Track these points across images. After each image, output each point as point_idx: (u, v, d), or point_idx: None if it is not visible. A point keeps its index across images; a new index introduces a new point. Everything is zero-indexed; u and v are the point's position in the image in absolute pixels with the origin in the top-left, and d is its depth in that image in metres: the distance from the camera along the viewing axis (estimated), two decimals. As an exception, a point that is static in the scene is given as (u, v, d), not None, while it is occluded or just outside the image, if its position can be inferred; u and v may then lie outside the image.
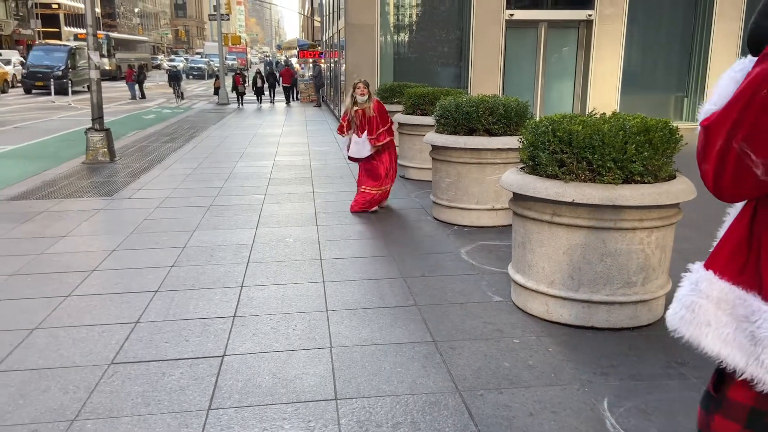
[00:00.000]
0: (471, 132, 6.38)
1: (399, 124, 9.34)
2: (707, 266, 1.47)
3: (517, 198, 4.16)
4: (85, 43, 33.15)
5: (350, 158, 7.29)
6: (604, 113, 4.15)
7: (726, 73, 1.41)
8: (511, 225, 4.53)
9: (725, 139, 1.32)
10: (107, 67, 43.90)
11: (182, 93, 28.18)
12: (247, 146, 13.05)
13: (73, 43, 35.63)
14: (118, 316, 4.20)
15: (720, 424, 1.46)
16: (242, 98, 25.65)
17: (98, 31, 47.14)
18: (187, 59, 65.51)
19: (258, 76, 26.69)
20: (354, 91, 7.10)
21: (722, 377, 1.46)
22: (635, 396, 3.17)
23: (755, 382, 1.37)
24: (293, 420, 2.97)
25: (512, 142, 6.12)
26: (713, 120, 1.36)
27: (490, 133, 6.35)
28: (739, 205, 1.47)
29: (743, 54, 1.44)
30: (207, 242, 5.94)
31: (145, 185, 8.82)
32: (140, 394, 3.22)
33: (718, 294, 1.43)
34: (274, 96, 27.80)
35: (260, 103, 26.12)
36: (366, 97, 7.04)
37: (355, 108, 7.05)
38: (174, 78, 27.93)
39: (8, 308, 4.37)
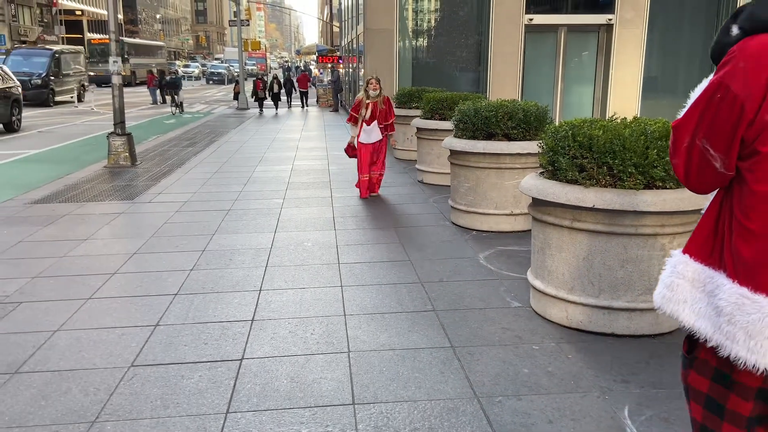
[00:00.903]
0: (490, 137, 6.36)
1: (417, 128, 9.34)
2: (684, 251, 1.68)
3: (537, 203, 4.13)
4: (72, 47, 32.40)
5: (351, 146, 8.35)
6: (625, 118, 4.11)
7: (699, 85, 1.63)
8: (530, 230, 4.50)
9: (690, 136, 1.57)
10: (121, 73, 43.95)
11: (181, 103, 24.02)
12: (266, 151, 13.13)
13: (57, 46, 31.56)
14: (138, 319, 4.24)
15: (693, 378, 1.69)
16: (263, 104, 25.09)
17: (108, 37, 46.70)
18: (204, 65, 64.21)
19: (275, 81, 25.99)
20: (367, 86, 8.06)
21: (693, 342, 1.68)
22: (657, 404, 3.12)
23: (718, 347, 1.56)
24: (311, 424, 2.97)
25: (531, 146, 6.08)
26: (680, 121, 1.61)
27: (509, 138, 6.32)
28: (711, 197, 1.69)
29: None
30: (226, 246, 5.98)
31: (165, 189, 8.91)
32: (159, 396, 3.24)
33: (693, 274, 1.64)
34: (291, 101, 28.00)
35: (277, 108, 25.40)
36: (378, 92, 8.03)
37: (368, 101, 7.99)
38: (171, 85, 24.01)
39: (31, 310, 4.43)
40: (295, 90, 28.23)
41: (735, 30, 1.54)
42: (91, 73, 42.98)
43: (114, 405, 3.16)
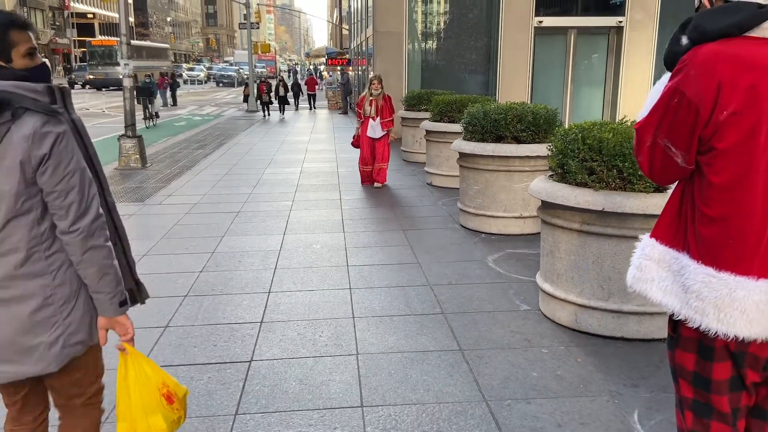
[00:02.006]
0: (499, 139, 6.35)
1: (426, 131, 9.35)
2: (651, 235, 1.85)
3: (546, 206, 4.12)
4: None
5: (358, 140, 9.36)
6: (635, 120, 4.09)
7: (654, 87, 1.82)
8: (539, 233, 4.49)
9: (652, 137, 1.75)
10: (121, 76, 40.06)
11: (155, 114, 20.12)
12: (276, 153, 13.18)
13: None
14: (148, 321, 4.26)
15: (680, 356, 1.83)
16: (268, 108, 24.20)
17: (109, 38, 44.03)
18: (209, 67, 60.87)
19: (281, 84, 24.83)
20: (370, 86, 9.13)
21: (676, 322, 1.81)
22: (667, 408, 3.10)
23: (688, 321, 1.73)
24: (319, 426, 2.97)
25: (541, 149, 6.07)
26: (642, 123, 1.79)
27: (519, 141, 6.31)
28: (673, 186, 1.86)
29: None
30: (235, 248, 6.00)
31: (175, 191, 8.96)
32: (169, 397, 3.25)
33: (659, 255, 1.81)
34: (298, 103, 28.29)
35: (283, 113, 24.22)
36: (379, 91, 9.07)
37: (371, 98, 9.04)
38: (144, 92, 19.64)
39: (42, 311, 4.46)
40: (302, 93, 28.43)
41: (684, 40, 1.72)
42: (91, 77, 40.82)
43: (124, 406, 3.17)
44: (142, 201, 8.27)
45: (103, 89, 38.96)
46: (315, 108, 27.58)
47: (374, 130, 9.08)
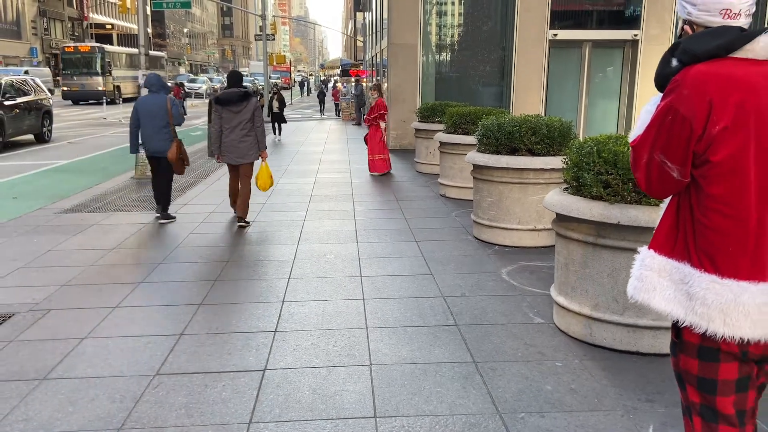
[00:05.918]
0: (513, 152, 6.35)
1: (440, 143, 9.37)
2: (650, 246, 1.94)
3: (561, 219, 4.12)
4: None
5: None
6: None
7: (644, 107, 1.96)
8: (553, 246, 4.48)
9: (649, 153, 1.86)
10: (100, 88, 35.60)
11: None
12: (290, 163, 13.25)
13: None
14: (163, 328, 4.30)
15: (684, 361, 1.91)
16: None
17: (85, 44, 42.72)
18: (211, 79, 53.14)
19: (276, 97, 19.27)
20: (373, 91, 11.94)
21: (679, 328, 1.90)
22: (682, 424, 3.07)
23: (693, 327, 1.82)
24: (332, 436, 2.98)
25: (555, 162, 6.07)
26: (638, 141, 1.91)
27: (533, 153, 6.31)
28: (668, 200, 1.95)
29: None
30: (249, 257, 6.03)
31: (190, 200, 9.03)
32: (184, 405, 3.28)
33: (659, 266, 1.90)
34: (323, 110, 32.08)
35: (278, 134, 18.93)
36: (375, 95, 11.67)
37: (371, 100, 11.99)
38: None
39: (60, 318, 4.52)
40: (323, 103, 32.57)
41: (674, 62, 1.86)
42: (65, 88, 36.04)
43: (139, 413, 3.20)
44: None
45: (81, 103, 35.47)
46: (340, 115, 29.47)
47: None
